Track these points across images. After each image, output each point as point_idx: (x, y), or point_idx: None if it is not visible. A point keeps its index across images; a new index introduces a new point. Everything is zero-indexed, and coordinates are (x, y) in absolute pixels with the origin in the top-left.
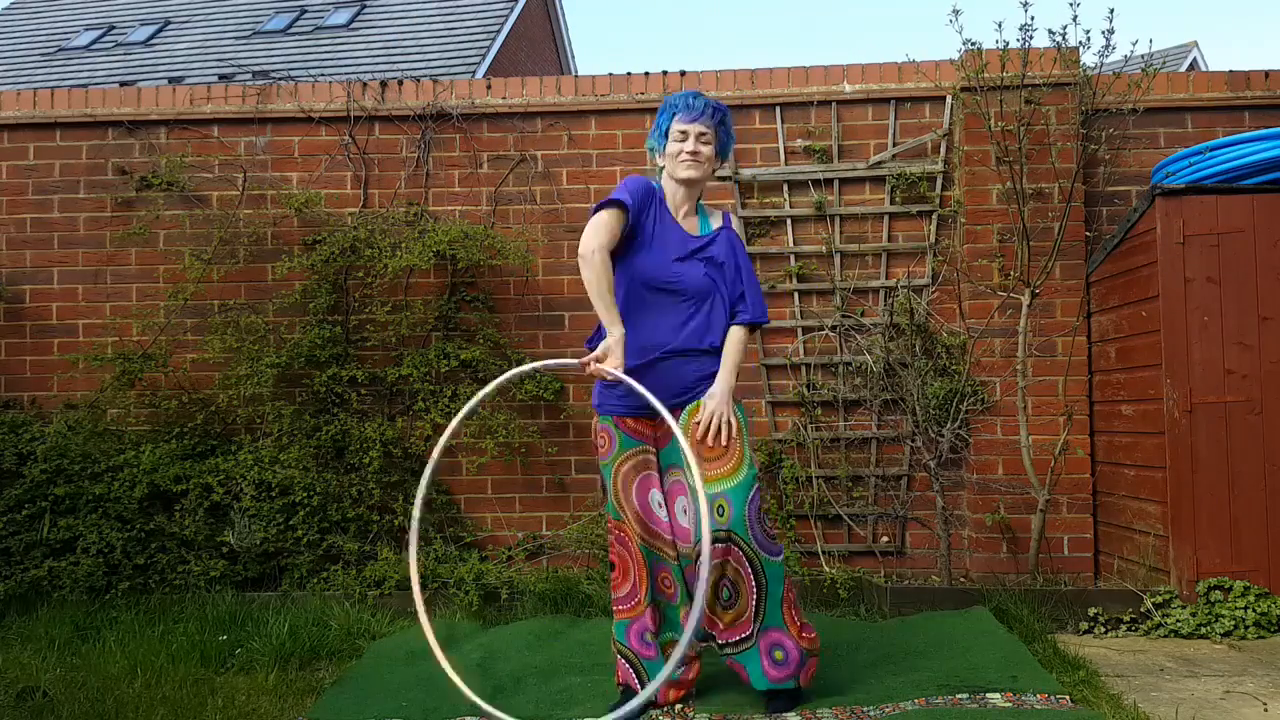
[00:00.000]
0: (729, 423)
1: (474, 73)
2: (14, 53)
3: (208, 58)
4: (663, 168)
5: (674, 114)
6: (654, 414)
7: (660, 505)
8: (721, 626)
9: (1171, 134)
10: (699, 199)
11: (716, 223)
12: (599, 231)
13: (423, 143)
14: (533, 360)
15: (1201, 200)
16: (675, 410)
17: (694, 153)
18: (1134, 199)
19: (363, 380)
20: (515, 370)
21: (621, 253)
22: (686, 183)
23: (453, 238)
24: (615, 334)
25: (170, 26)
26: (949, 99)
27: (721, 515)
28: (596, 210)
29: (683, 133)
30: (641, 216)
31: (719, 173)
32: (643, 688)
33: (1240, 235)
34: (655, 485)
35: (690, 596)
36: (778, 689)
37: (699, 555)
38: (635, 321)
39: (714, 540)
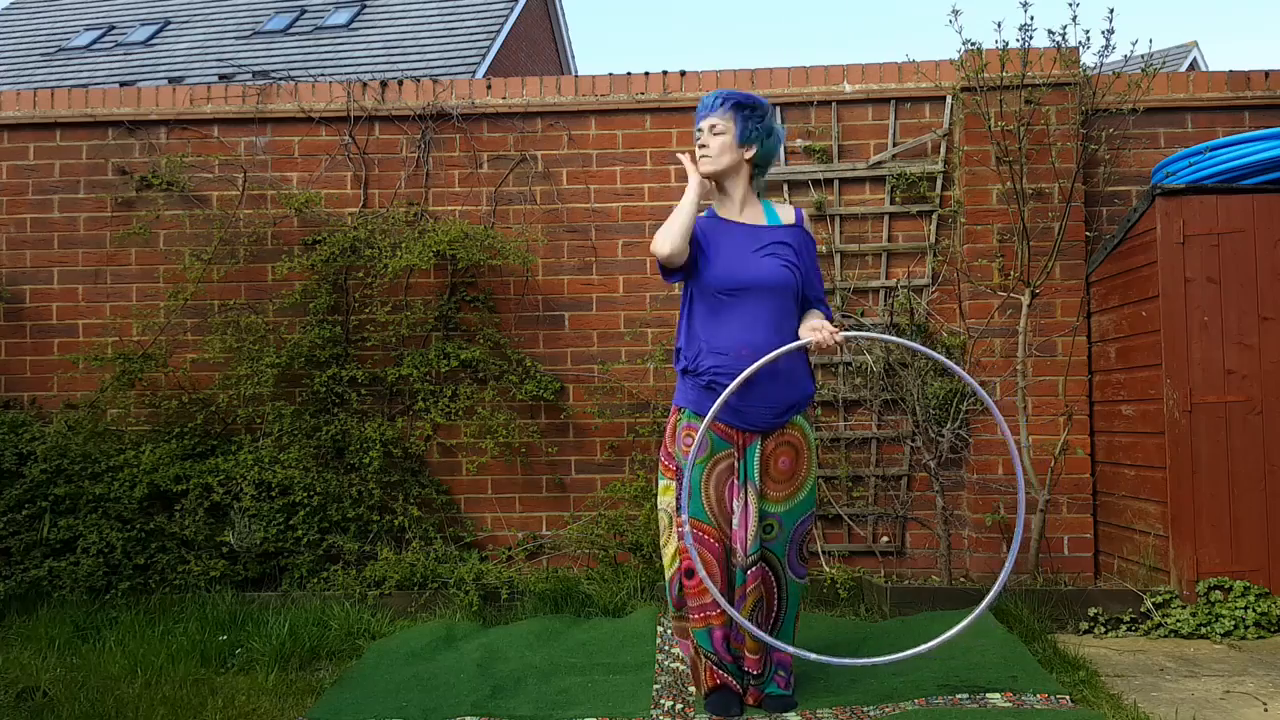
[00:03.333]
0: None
1: (474, 73)
2: (14, 53)
3: (208, 58)
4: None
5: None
6: (747, 428)
7: (736, 513)
8: (747, 655)
9: (1171, 134)
10: (759, 193)
11: (787, 218)
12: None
13: (423, 143)
14: (533, 360)
15: (1201, 200)
16: (754, 435)
17: (703, 146)
18: (1134, 199)
19: (363, 380)
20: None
21: (692, 272)
22: (710, 176)
23: (453, 238)
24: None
25: (170, 26)
26: (949, 99)
27: (769, 533)
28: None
29: (698, 130)
30: (702, 240)
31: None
32: (738, 685)
33: (1240, 235)
34: (737, 493)
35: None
36: (782, 694)
37: (750, 565)
38: (716, 329)
39: (753, 562)
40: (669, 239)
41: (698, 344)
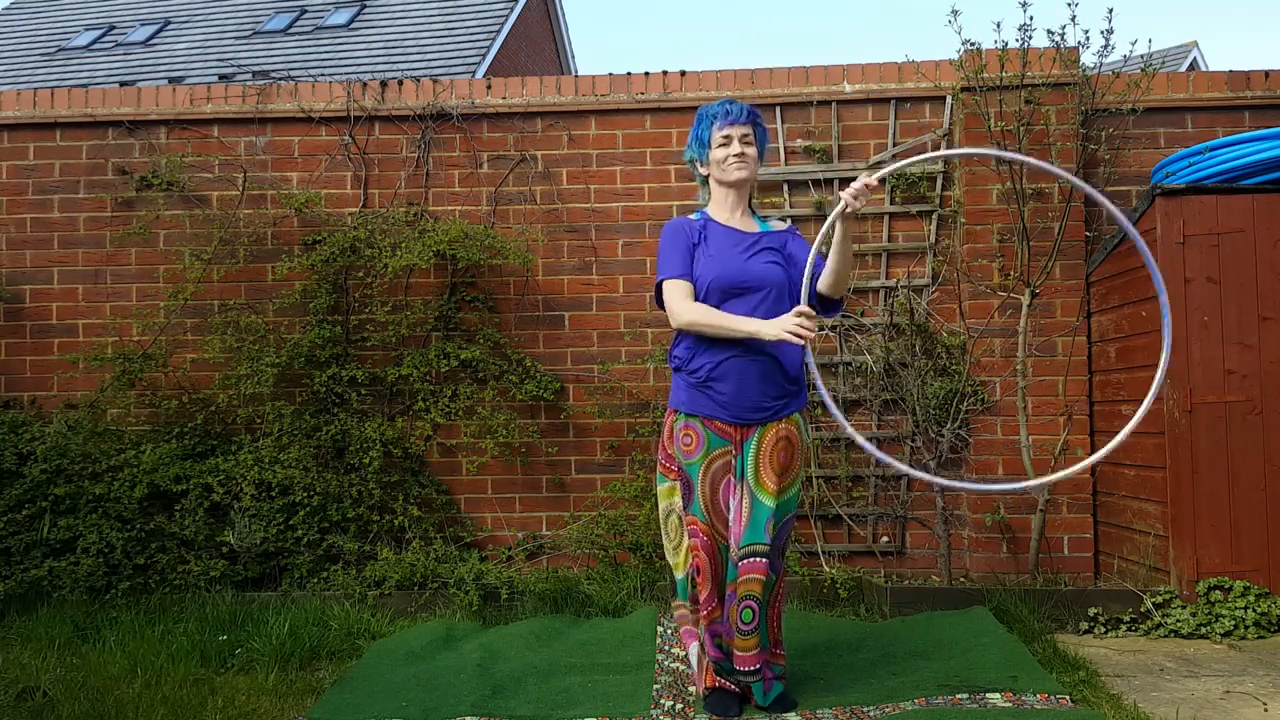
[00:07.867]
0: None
1: (474, 73)
2: (14, 53)
3: (208, 58)
4: (706, 177)
5: (713, 122)
6: (742, 421)
7: (732, 509)
8: (738, 654)
9: (1171, 134)
10: (750, 200)
11: (778, 228)
12: (678, 296)
13: (423, 143)
14: (533, 360)
15: (1201, 200)
16: (751, 427)
17: (740, 154)
18: (1134, 199)
19: (363, 380)
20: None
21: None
22: (737, 185)
23: (453, 238)
24: (774, 326)
25: (170, 26)
26: (949, 99)
27: (771, 530)
28: (660, 283)
29: (726, 137)
30: (694, 250)
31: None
32: (736, 687)
33: (1240, 235)
34: (733, 490)
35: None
36: (781, 695)
37: (741, 559)
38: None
39: (757, 555)
40: (695, 325)
41: (693, 343)
